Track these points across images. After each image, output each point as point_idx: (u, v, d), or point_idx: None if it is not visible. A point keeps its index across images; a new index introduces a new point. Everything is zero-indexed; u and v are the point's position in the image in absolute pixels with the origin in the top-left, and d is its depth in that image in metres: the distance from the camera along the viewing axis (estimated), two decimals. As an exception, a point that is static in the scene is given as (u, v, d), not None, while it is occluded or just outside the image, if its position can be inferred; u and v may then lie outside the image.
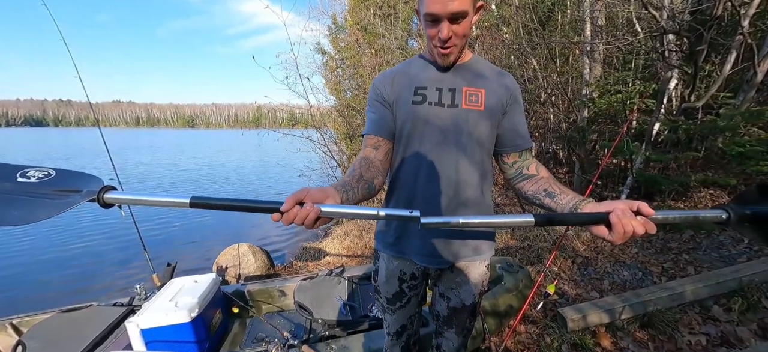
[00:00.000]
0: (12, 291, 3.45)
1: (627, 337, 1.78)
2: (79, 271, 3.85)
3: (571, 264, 2.59)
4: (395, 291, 1.07)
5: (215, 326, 1.89)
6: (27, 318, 2.04)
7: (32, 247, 4.60)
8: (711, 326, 1.77)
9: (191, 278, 1.98)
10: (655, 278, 2.27)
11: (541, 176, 0.91)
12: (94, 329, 1.87)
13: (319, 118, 6.61)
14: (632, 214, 0.65)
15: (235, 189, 8.21)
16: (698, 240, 2.68)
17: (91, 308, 2.09)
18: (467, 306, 1.06)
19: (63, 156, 17.02)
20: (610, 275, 2.39)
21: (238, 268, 3.20)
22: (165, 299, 1.77)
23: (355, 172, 0.89)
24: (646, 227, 0.65)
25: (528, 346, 1.85)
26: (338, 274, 2.21)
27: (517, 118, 0.95)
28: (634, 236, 0.65)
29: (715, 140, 3.49)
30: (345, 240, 3.81)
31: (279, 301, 2.22)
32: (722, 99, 3.39)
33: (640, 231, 0.64)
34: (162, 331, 1.64)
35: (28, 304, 2.95)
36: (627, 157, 4.04)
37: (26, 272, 3.82)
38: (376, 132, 0.97)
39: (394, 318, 1.13)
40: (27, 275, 3.75)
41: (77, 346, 1.73)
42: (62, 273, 3.78)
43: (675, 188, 3.44)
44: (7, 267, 3.96)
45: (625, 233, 0.64)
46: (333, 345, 1.56)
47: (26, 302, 3.13)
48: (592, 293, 2.21)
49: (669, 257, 2.53)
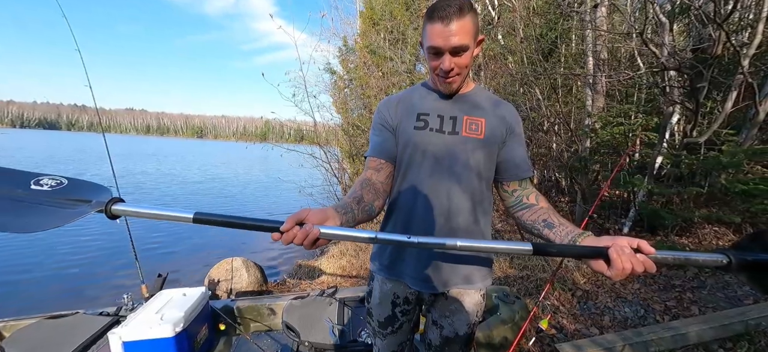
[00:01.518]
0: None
1: (627, 379, 1.70)
2: (68, 277, 3.81)
3: (571, 297, 2.51)
4: (387, 315, 1.05)
5: (200, 342, 1.84)
6: (11, 323, 2.01)
7: (21, 250, 4.58)
8: (716, 372, 1.69)
9: (180, 291, 1.94)
10: (657, 317, 2.19)
11: (540, 206, 0.91)
12: (77, 338, 1.83)
13: (324, 135, 6.68)
14: (632, 251, 0.65)
15: (237, 202, 8.22)
16: (703, 279, 2.60)
17: (76, 316, 2.05)
18: (460, 336, 1.03)
19: (66, 159, 17.26)
20: (610, 311, 2.31)
21: (231, 283, 3.15)
22: (151, 311, 1.73)
23: (356, 193, 0.91)
24: (645, 265, 0.64)
25: (523, 382, 1.77)
26: (330, 295, 2.16)
27: (516, 148, 0.96)
28: (632, 273, 0.64)
29: (719, 177, 3.45)
30: (341, 260, 3.76)
31: (268, 320, 2.17)
32: (725, 136, 3.38)
33: (639, 270, 0.64)
34: (144, 345, 1.60)
35: (14, 309, 2.90)
36: (629, 189, 4.01)
37: (13, 276, 3.78)
38: (378, 155, 0.99)
39: (385, 344, 1.10)
40: (13, 279, 3.71)
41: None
42: (51, 278, 3.74)
43: (679, 223, 3.38)
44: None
45: (624, 270, 0.64)
46: (318, 370, 1.50)
47: (12, 306, 3.08)
48: (591, 329, 2.13)
49: (672, 294, 2.45)
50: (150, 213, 0.73)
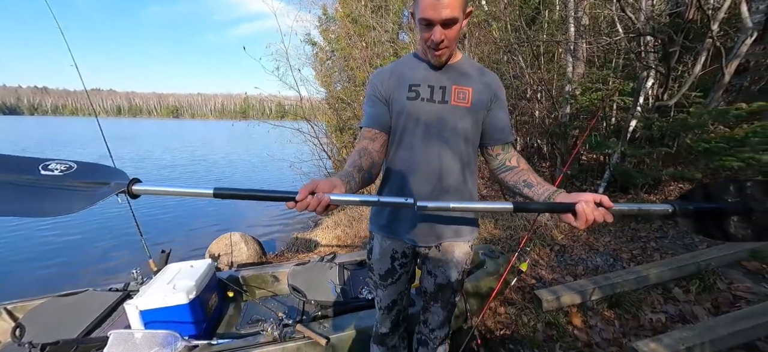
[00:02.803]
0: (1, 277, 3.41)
1: (596, 316, 1.95)
2: (68, 258, 3.83)
3: (549, 251, 2.76)
4: (387, 268, 1.18)
5: (211, 308, 1.96)
6: (21, 304, 2.06)
7: (22, 233, 4.52)
8: (671, 306, 1.96)
9: (187, 264, 2.03)
10: (624, 264, 2.46)
11: (520, 168, 1.03)
12: (92, 312, 1.92)
13: (309, 110, 6.61)
14: (594, 205, 0.78)
15: (229, 182, 8.17)
16: (665, 230, 2.89)
17: (86, 293, 2.13)
18: (452, 283, 1.18)
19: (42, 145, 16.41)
20: (584, 262, 2.57)
21: (231, 256, 3.26)
22: (163, 282, 1.83)
23: (355, 163, 1.00)
24: (605, 216, 0.77)
25: (507, 325, 2.00)
26: (329, 260, 2.30)
27: (499, 115, 1.05)
28: (594, 223, 0.78)
29: (685, 137, 3.71)
30: (335, 230, 3.90)
31: (272, 286, 2.31)
32: (693, 98, 3.60)
33: (600, 220, 0.77)
34: (160, 312, 1.70)
35: (18, 291, 2.94)
36: (605, 152, 4.26)
37: (16, 259, 3.77)
38: (373, 125, 1.08)
39: (386, 293, 1.24)
40: (17, 262, 3.71)
41: (76, 328, 1.78)
42: (52, 261, 3.75)
43: (648, 182, 3.66)
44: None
45: (588, 221, 0.77)
46: (325, 324, 1.66)
47: (15, 288, 3.11)
48: (567, 278, 2.38)
49: (638, 245, 2.73)
50: (171, 190, 0.77)
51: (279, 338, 1.57)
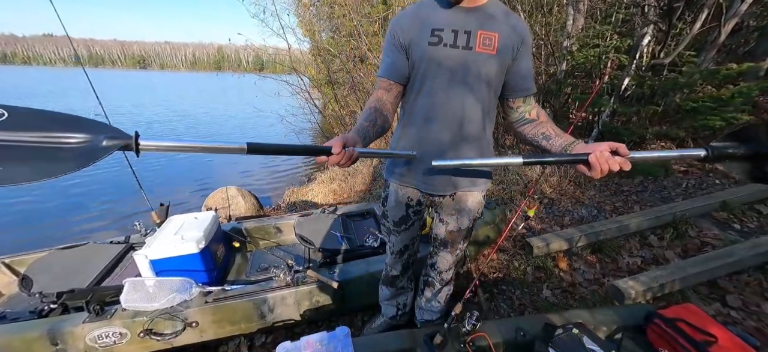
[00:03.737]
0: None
1: (580, 260, 2.14)
2: (60, 213, 3.76)
3: (539, 204, 2.91)
4: (402, 215, 1.24)
5: (220, 258, 2.02)
6: (20, 257, 2.05)
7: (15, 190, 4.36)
8: (646, 251, 2.16)
9: (191, 215, 2.05)
10: (607, 215, 2.64)
11: (540, 121, 1.03)
12: (98, 263, 1.94)
13: (298, 61, 6.28)
14: (610, 155, 0.77)
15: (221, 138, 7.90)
16: (646, 185, 3.08)
17: (87, 246, 2.13)
18: (463, 230, 1.24)
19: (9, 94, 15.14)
20: (570, 213, 2.74)
21: (229, 210, 3.28)
22: (169, 233, 1.85)
23: (370, 117, 1.02)
24: (622, 165, 0.76)
25: (499, 269, 2.17)
26: (331, 212, 2.37)
27: (525, 63, 1.01)
28: (610, 172, 0.77)
29: (674, 96, 3.81)
30: (331, 184, 3.95)
31: (276, 237, 2.37)
32: (687, 57, 3.64)
33: (616, 168, 0.76)
34: (171, 261, 1.74)
35: (10, 247, 2.91)
36: (596, 110, 4.34)
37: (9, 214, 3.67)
38: (389, 76, 1.07)
39: (399, 239, 1.31)
40: (10, 216, 3.62)
41: (84, 278, 1.81)
42: (44, 216, 3.68)
43: (633, 140, 3.80)
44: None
45: (603, 171, 0.77)
46: (335, 269, 1.76)
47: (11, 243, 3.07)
48: (554, 228, 2.55)
49: (621, 198, 2.92)
50: (187, 146, 0.70)
51: (292, 283, 1.66)
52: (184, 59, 62.75)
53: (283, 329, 1.73)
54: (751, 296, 1.67)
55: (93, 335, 1.48)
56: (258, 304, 1.61)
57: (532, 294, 1.93)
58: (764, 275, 1.77)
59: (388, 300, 1.59)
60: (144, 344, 1.54)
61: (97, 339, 1.48)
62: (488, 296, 1.93)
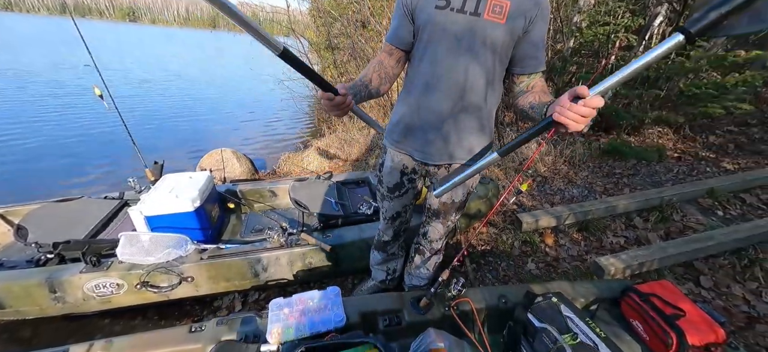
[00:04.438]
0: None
1: (566, 237, 2.21)
2: (53, 169, 3.73)
3: (532, 182, 2.95)
4: (396, 182, 1.26)
5: (215, 218, 2.05)
6: (13, 208, 2.06)
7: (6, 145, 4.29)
8: (630, 232, 2.23)
9: (186, 175, 2.05)
10: (597, 196, 2.70)
11: (531, 91, 0.98)
12: (92, 217, 1.95)
13: (291, 22, 5.99)
14: (571, 103, 0.70)
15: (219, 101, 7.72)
16: (638, 168, 3.12)
17: (81, 200, 2.14)
18: (456, 202, 1.26)
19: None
20: (562, 192, 2.79)
21: (223, 172, 3.27)
22: (164, 191, 1.85)
23: (367, 76, 1.04)
24: (588, 104, 0.68)
25: (488, 242, 2.24)
26: (327, 178, 2.38)
27: (537, 37, 0.95)
28: (584, 117, 0.69)
29: (678, 81, 3.77)
30: (327, 151, 3.94)
31: (270, 200, 2.40)
32: (697, 41, 3.57)
33: (585, 111, 0.68)
34: (166, 218, 1.76)
35: (7, 196, 2.90)
36: (598, 91, 4.28)
37: None
38: (391, 41, 1.07)
39: (392, 205, 1.34)
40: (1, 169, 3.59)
41: (79, 231, 1.83)
42: (37, 172, 3.65)
43: (632, 123, 3.80)
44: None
45: (576, 121, 0.70)
46: (328, 234, 1.80)
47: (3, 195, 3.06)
48: (545, 206, 2.60)
49: (612, 180, 2.96)
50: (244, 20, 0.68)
51: (286, 244, 1.70)
52: (176, 14, 59.83)
53: (276, 288, 1.79)
54: (723, 277, 1.75)
55: (90, 285, 1.52)
56: (252, 263, 1.66)
57: (517, 267, 2.00)
58: (739, 259, 1.85)
59: (379, 265, 1.64)
60: (141, 295, 1.59)
61: (94, 289, 1.53)
62: (475, 267, 2.00)
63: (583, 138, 3.95)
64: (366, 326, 1.15)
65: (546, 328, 0.96)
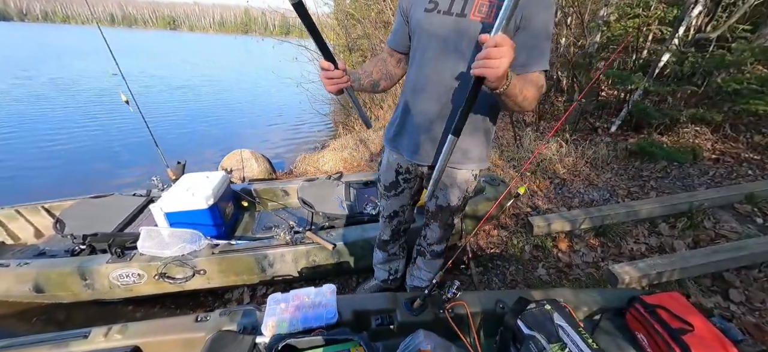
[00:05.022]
0: (29, 180, 3.70)
1: (581, 242, 2.10)
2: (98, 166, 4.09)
3: (549, 184, 2.84)
4: (392, 180, 1.28)
5: (228, 215, 2.16)
6: (56, 203, 2.28)
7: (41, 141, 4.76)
8: (654, 239, 2.09)
9: (203, 174, 2.17)
10: (619, 199, 2.54)
11: None
12: (121, 212, 2.12)
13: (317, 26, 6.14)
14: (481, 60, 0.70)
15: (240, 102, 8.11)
16: (669, 170, 2.91)
17: (113, 197, 2.32)
18: (451, 206, 1.26)
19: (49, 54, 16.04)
20: (581, 195, 2.66)
21: (242, 171, 3.42)
22: (182, 189, 1.98)
23: (368, 68, 1.10)
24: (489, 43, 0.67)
25: (498, 245, 2.18)
26: (336, 178, 2.43)
27: (528, 35, 0.88)
28: (492, 57, 0.68)
29: (717, 76, 3.47)
30: (342, 152, 4.00)
31: (283, 199, 2.49)
32: (740, 32, 3.26)
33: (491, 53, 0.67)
34: (183, 214, 1.89)
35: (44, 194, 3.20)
36: (627, 87, 4.03)
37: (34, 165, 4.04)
38: (390, 43, 1.13)
39: (389, 203, 1.36)
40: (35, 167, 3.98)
41: (109, 225, 2.00)
42: (76, 170, 4.01)
43: (664, 122, 3.54)
44: (19, 158, 4.17)
45: (487, 66, 0.69)
46: (333, 233, 1.84)
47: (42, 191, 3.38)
48: (561, 209, 2.49)
49: (638, 183, 2.78)
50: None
51: (291, 242, 1.76)
52: (212, 21, 63.43)
53: (282, 283, 1.86)
54: (757, 292, 1.60)
55: (115, 274, 1.66)
56: (259, 259, 1.73)
57: (526, 271, 1.94)
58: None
59: (381, 264, 1.66)
60: (159, 286, 1.71)
61: (118, 278, 1.67)
62: (481, 270, 1.96)
63: (610, 138, 3.74)
64: (358, 324, 1.17)
65: (534, 335, 0.93)
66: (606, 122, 4.39)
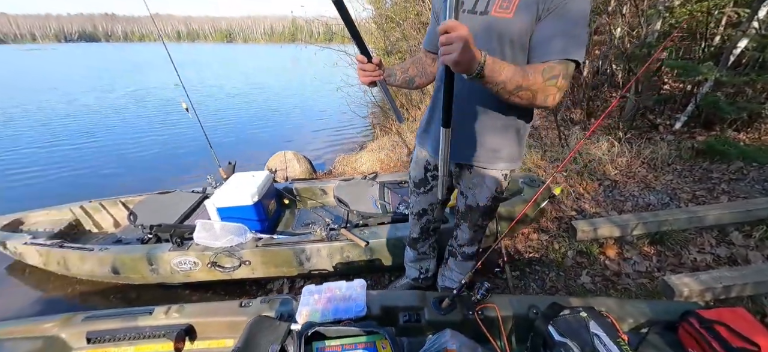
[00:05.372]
0: (111, 179, 4.29)
1: (633, 250, 1.93)
2: (152, 166, 4.66)
3: (597, 186, 2.63)
4: (421, 177, 1.31)
5: (271, 211, 2.32)
6: (130, 198, 2.63)
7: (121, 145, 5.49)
8: (723, 249, 1.84)
9: (250, 174, 2.36)
10: (681, 204, 2.28)
11: None
12: (181, 206, 2.38)
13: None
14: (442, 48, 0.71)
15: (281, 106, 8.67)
16: (746, 172, 2.54)
17: (176, 193, 2.61)
18: (480, 207, 1.24)
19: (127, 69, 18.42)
20: (635, 199, 2.43)
21: (285, 171, 3.64)
22: (232, 187, 2.17)
23: (406, 64, 1.15)
24: (440, 30, 0.69)
25: (537, 249, 2.08)
26: (372, 178, 2.49)
27: (550, 26, 0.84)
28: (446, 43, 0.70)
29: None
30: (379, 153, 4.07)
31: (321, 198, 2.61)
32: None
33: (444, 39, 0.69)
34: (231, 210, 2.07)
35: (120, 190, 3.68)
36: (695, 78, 3.58)
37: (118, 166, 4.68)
38: (425, 44, 1.17)
39: (418, 201, 1.38)
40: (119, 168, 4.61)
41: (172, 217, 2.25)
42: (146, 169, 4.58)
43: (741, 117, 3.10)
44: (104, 160, 4.86)
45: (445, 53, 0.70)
46: (366, 230, 1.89)
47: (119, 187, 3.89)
48: (611, 213, 2.30)
49: (706, 185, 2.47)
50: None
51: (326, 239, 1.85)
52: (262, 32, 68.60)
53: (318, 277, 1.96)
54: None
55: (175, 261, 1.87)
56: (297, 253, 1.84)
57: (567, 278, 1.83)
58: None
59: (412, 262, 1.68)
60: (211, 273, 1.90)
61: (178, 264, 1.88)
62: (518, 274, 1.89)
63: (672, 136, 3.37)
64: (386, 319, 1.20)
65: (566, 343, 0.88)
66: (669, 118, 3.95)
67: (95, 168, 4.61)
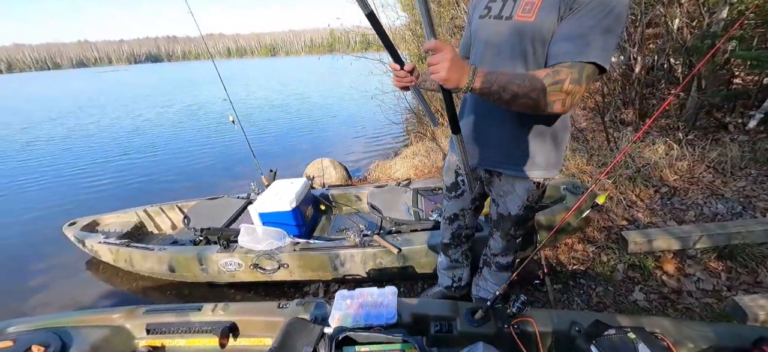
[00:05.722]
0: (171, 184, 4.75)
1: (697, 265, 1.72)
2: (205, 174, 5.09)
3: (653, 193, 2.39)
4: (452, 182, 1.31)
5: (308, 217, 2.42)
6: (185, 203, 2.88)
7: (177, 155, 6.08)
8: (814, 267, 1.58)
9: (289, 181, 2.49)
10: (756, 214, 1.99)
11: None
12: (228, 211, 2.57)
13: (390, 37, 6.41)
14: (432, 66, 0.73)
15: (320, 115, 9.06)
16: None
17: (223, 199, 2.82)
18: (512, 215, 1.20)
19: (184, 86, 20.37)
20: (699, 207, 2.17)
21: (322, 178, 3.78)
22: (272, 194, 2.30)
23: None
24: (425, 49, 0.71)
25: (582, 261, 1.94)
26: (405, 185, 2.50)
27: (570, 26, 0.81)
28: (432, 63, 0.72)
29: None
30: (413, 159, 4.06)
31: (356, 204, 2.67)
32: None
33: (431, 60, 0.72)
34: (272, 215, 2.19)
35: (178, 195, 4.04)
36: (774, 71, 3.13)
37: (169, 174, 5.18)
38: (461, 49, 1.18)
39: (450, 205, 1.38)
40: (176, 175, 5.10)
41: (220, 220, 2.44)
42: (194, 176, 5.03)
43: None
44: (164, 168, 5.41)
45: (433, 71, 0.73)
46: (399, 237, 1.90)
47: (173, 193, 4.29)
48: (669, 223, 2.08)
49: (791, 193, 2.14)
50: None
51: (360, 244, 1.89)
52: (303, 44, 72.82)
53: (352, 282, 2.00)
54: None
55: (222, 262, 2.02)
56: (332, 257, 1.90)
57: (617, 294, 1.68)
58: None
59: (445, 270, 1.65)
60: (253, 274, 2.02)
61: (224, 265, 2.03)
62: (560, 287, 1.77)
63: (746, 136, 2.97)
64: (416, 328, 1.20)
65: (611, 364, 0.82)
66: (740, 116, 3.49)
67: (156, 176, 5.14)
